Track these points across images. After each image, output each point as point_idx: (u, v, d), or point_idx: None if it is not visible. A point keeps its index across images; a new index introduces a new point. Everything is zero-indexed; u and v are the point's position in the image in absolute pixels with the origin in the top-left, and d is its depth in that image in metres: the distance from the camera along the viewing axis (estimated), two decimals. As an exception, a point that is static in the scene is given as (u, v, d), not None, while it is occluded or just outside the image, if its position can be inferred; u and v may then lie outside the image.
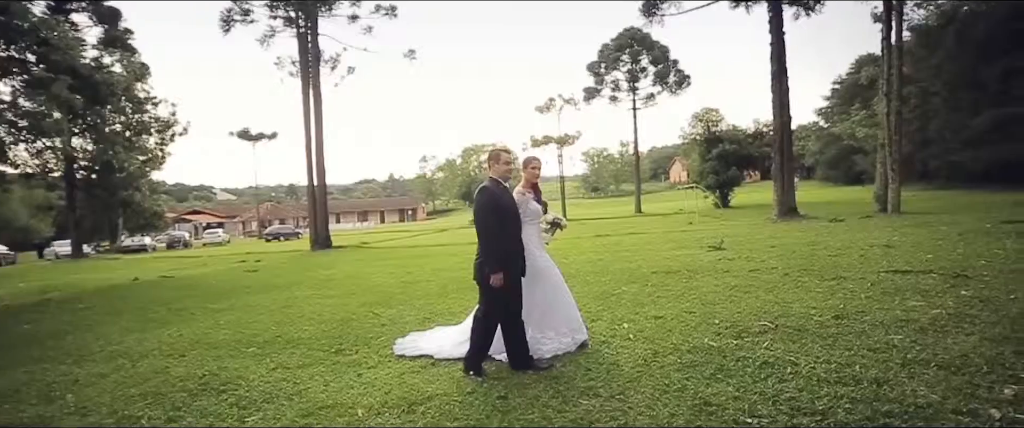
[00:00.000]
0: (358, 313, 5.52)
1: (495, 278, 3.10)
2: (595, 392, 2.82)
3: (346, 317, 5.36)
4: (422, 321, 4.91)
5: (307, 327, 5.04)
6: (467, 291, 6.34)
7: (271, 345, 4.44)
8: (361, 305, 5.99)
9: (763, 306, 4.24)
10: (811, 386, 2.65)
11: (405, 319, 5.06)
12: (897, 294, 4.22)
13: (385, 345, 4.15)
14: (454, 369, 3.40)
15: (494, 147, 3.46)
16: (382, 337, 4.41)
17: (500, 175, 3.33)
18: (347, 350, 4.10)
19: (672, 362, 3.18)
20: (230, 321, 5.61)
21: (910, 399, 2.43)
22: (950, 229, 8.60)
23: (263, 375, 3.61)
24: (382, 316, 5.28)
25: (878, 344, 3.14)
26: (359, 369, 3.61)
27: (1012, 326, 3.31)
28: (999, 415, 2.24)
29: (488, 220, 3.17)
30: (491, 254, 3.14)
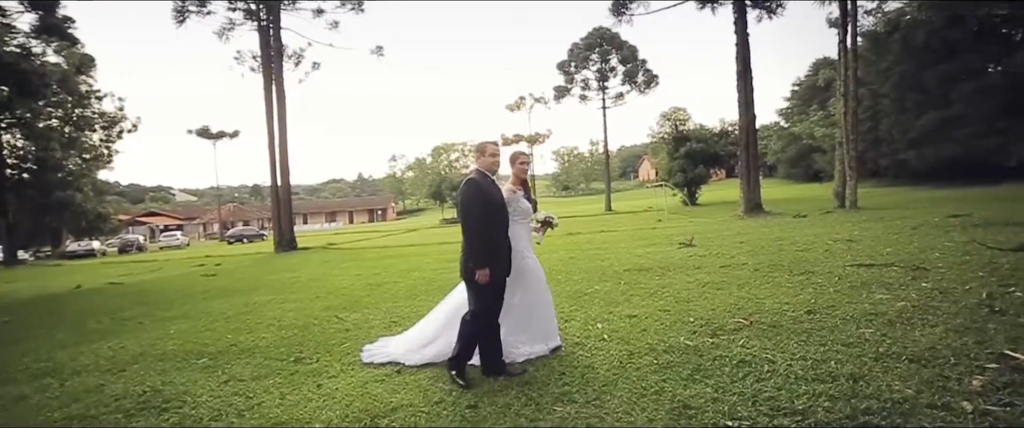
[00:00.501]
0: (321, 318, 5.22)
1: (481, 274, 2.92)
2: (570, 398, 2.68)
3: (307, 322, 5.06)
4: (388, 325, 4.67)
5: (265, 334, 4.72)
6: (437, 293, 6.11)
7: (224, 355, 4.11)
8: (324, 309, 5.69)
9: (737, 302, 4.22)
10: (789, 385, 2.60)
11: (371, 323, 4.81)
12: (864, 288, 4.28)
13: (348, 352, 3.91)
14: (421, 377, 3.20)
15: (482, 142, 3.24)
16: (346, 343, 4.16)
17: (486, 168, 3.16)
18: (307, 358, 3.83)
19: (648, 363, 3.08)
20: (181, 330, 5.21)
21: (886, 394, 2.40)
22: (903, 223, 8.96)
23: (212, 389, 3.31)
24: (346, 321, 5.01)
25: (850, 338, 3.14)
26: (319, 379, 3.36)
27: (971, 317, 3.38)
28: (971, 408, 2.23)
29: (473, 214, 2.99)
30: (476, 249, 2.96)
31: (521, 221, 3.35)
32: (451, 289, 6.26)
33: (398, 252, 13.08)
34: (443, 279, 7.22)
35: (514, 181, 3.36)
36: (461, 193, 3.06)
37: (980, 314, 3.41)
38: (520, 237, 3.30)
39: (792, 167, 49.89)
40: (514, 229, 3.26)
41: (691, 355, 3.12)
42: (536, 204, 3.47)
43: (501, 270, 3.05)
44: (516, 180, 3.36)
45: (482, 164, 3.17)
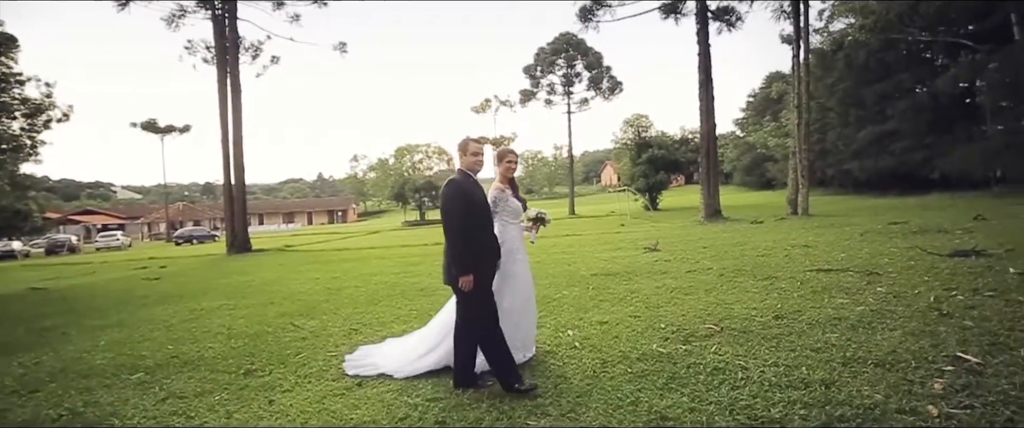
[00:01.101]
0: (275, 325, 4.88)
1: (464, 281, 2.75)
2: (544, 411, 2.55)
3: (260, 331, 4.70)
4: (349, 333, 4.40)
5: (212, 344, 4.35)
6: (399, 298, 5.88)
7: (163, 369, 3.74)
8: (279, 316, 5.33)
9: (706, 308, 4.23)
10: (764, 392, 2.58)
11: (329, 331, 4.52)
12: (825, 292, 4.40)
13: (305, 362, 3.63)
14: (384, 390, 2.99)
15: (464, 139, 3.05)
16: (302, 353, 3.87)
17: (469, 167, 2.99)
18: (259, 371, 3.53)
19: (622, 372, 3.00)
20: (114, 341, 4.73)
21: (858, 400, 2.41)
22: (852, 230, 9.44)
23: (146, 409, 2.97)
24: (303, 328, 4.69)
25: (818, 343, 3.18)
26: (271, 394, 3.08)
27: (923, 320, 3.51)
28: (936, 412, 2.27)
29: (454, 217, 2.80)
30: (460, 254, 2.78)
31: (511, 221, 3.19)
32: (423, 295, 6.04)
33: (359, 255, 12.62)
34: (406, 284, 6.97)
35: (501, 180, 3.20)
36: (442, 195, 2.87)
37: (931, 317, 3.55)
38: (512, 238, 3.16)
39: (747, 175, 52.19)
40: (505, 230, 3.13)
41: (665, 363, 3.07)
42: (526, 202, 3.32)
43: (485, 275, 2.88)
44: (503, 179, 3.20)
45: (464, 164, 2.99)
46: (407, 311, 5.15)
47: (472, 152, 2.98)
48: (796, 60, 16.06)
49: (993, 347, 2.96)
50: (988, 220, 9.40)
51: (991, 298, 3.90)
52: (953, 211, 12.73)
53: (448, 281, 2.91)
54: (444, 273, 2.96)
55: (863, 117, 27.66)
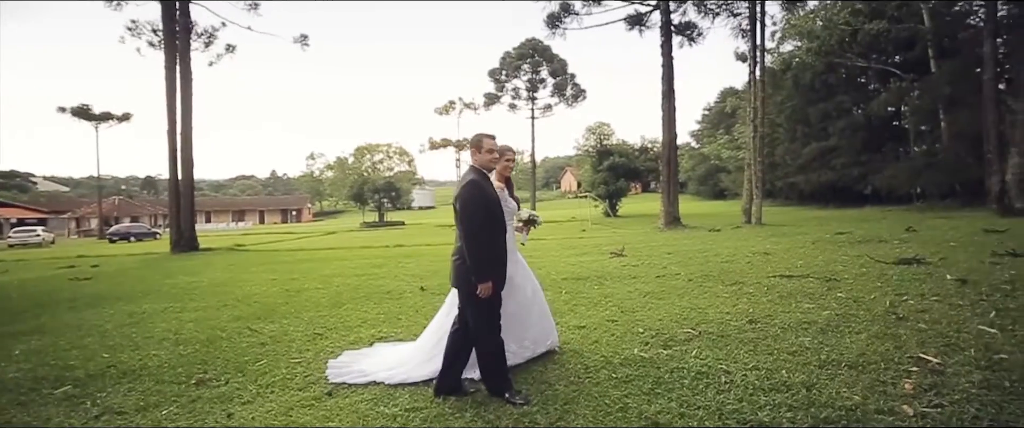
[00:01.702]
0: (229, 330, 4.51)
1: (484, 288, 2.59)
2: (531, 419, 2.45)
3: (213, 336, 4.33)
4: (313, 338, 4.13)
5: (157, 352, 3.95)
6: (364, 301, 5.61)
7: (97, 381, 3.34)
8: (233, 319, 4.94)
9: (681, 312, 4.28)
10: (749, 396, 2.59)
11: (291, 336, 4.22)
12: (791, 298, 4.55)
13: (266, 370, 3.35)
14: (358, 399, 2.79)
15: (477, 135, 2.87)
16: (262, 360, 3.57)
17: (483, 165, 2.82)
18: (213, 380, 3.22)
19: (607, 378, 2.94)
20: (33, 350, 4.21)
21: (839, 402, 2.46)
22: (804, 238, 9.95)
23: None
24: (261, 333, 4.36)
25: (793, 347, 3.25)
26: (229, 406, 2.81)
27: (884, 324, 3.68)
28: (912, 412, 2.35)
29: (476, 221, 2.62)
30: (479, 261, 2.60)
31: (507, 222, 3.09)
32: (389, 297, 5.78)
33: (317, 256, 12.06)
34: (371, 286, 6.68)
35: (498, 178, 3.06)
36: (461, 196, 2.65)
37: (889, 321, 3.73)
38: (508, 239, 3.03)
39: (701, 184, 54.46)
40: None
41: (648, 368, 3.04)
42: (520, 203, 3.22)
43: (501, 281, 2.74)
44: (500, 177, 3.06)
45: (479, 161, 2.81)
46: (374, 314, 4.91)
47: (487, 149, 2.81)
48: (752, 76, 16.88)
49: (947, 348, 3.13)
50: (918, 231, 10.16)
51: (937, 302, 4.16)
52: (887, 223, 13.71)
53: (458, 285, 2.75)
54: (453, 276, 2.79)
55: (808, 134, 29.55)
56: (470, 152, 2.88)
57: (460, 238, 2.68)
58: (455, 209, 2.70)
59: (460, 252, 2.71)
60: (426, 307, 5.13)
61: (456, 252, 2.76)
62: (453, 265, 2.78)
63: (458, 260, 2.73)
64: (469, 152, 2.88)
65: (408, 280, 7.09)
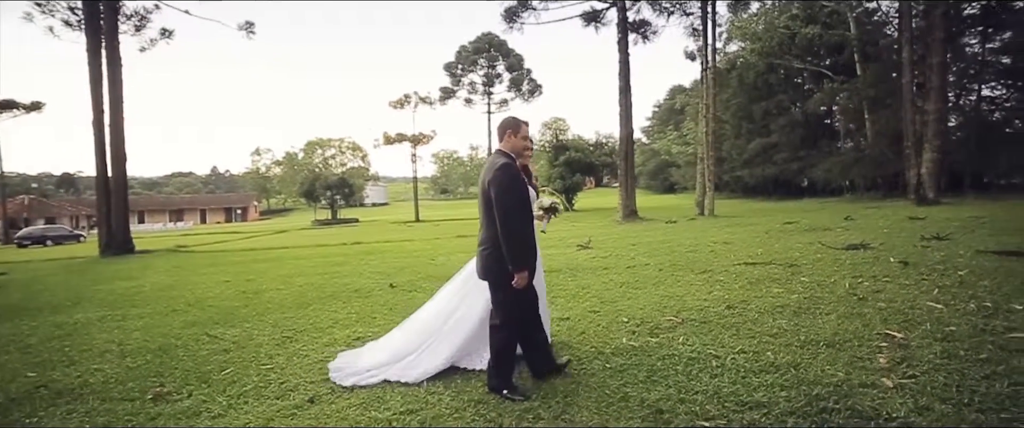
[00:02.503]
0: (185, 337, 4.13)
1: (520, 278, 2.50)
2: (535, 414, 2.38)
3: (166, 344, 3.95)
4: (281, 342, 3.85)
5: (100, 366, 3.55)
6: (331, 301, 5.34)
7: (23, 405, 2.94)
8: (187, 325, 4.54)
9: (660, 301, 4.35)
10: (741, 378, 2.65)
11: (256, 340, 3.92)
12: (760, 283, 4.75)
13: (234, 379, 3.08)
14: (344, 404, 2.61)
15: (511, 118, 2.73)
16: (228, 368, 3.29)
17: (515, 150, 2.68)
18: (174, 394, 2.92)
19: (601, 368, 2.93)
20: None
21: (826, 379, 2.57)
22: (756, 228, 10.50)
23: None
24: (223, 338, 4.02)
25: (773, 329, 3.38)
26: (196, 421, 2.56)
27: (848, 305, 3.89)
28: (892, 384, 2.48)
29: (513, 207, 2.49)
30: (516, 249, 2.47)
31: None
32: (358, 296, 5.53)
33: (271, 255, 11.39)
34: (336, 285, 6.37)
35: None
36: (496, 180, 2.49)
37: (852, 302, 3.96)
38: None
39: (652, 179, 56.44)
40: None
41: (640, 356, 3.06)
42: (538, 190, 3.10)
43: (533, 269, 2.63)
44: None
45: (512, 146, 2.67)
46: (345, 315, 4.67)
47: (524, 135, 2.70)
48: (705, 74, 17.59)
49: (907, 324, 3.36)
50: (855, 220, 11.00)
51: (888, 283, 4.48)
52: (825, 213, 14.76)
53: (488, 276, 2.62)
54: (481, 267, 2.66)
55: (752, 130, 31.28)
56: (503, 135, 2.72)
57: (495, 225, 2.51)
58: (487, 195, 2.54)
59: (491, 241, 2.56)
60: (400, 305, 4.94)
61: (486, 241, 2.62)
62: (480, 255, 2.65)
63: (488, 249, 2.59)
64: (500, 136, 2.73)
65: (375, 278, 6.83)
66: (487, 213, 2.58)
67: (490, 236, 2.57)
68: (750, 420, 2.25)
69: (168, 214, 56.53)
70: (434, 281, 6.23)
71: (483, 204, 2.61)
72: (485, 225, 2.63)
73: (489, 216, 2.57)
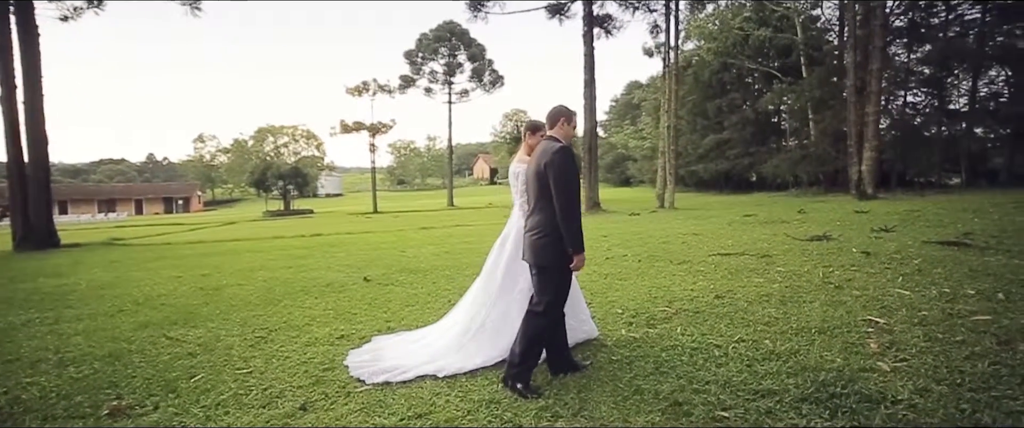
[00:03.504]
0: (139, 340, 3.71)
1: (579, 259, 2.49)
2: (553, 412, 2.28)
3: (116, 350, 3.52)
4: (255, 342, 3.54)
5: (34, 378, 3.10)
6: (303, 296, 5.01)
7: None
8: (140, 327, 4.09)
9: (648, 292, 4.37)
10: (747, 367, 2.67)
11: (226, 342, 3.58)
12: (739, 274, 4.88)
13: (207, 387, 2.78)
14: (344, 410, 2.40)
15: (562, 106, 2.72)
16: (197, 375, 2.97)
17: (566, 138, 2.65)
18: (136, 407, 2.59)
19: (606, 361, 2.87)
20: None
21: (828, 365, 2.63)
22: (719, 220, 10.90)
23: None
24: (185, 341, 3.64)
25: (765, 317, 3.45)
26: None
27: (827, 293, 4.03)
28: (889, 367, 2.57)
29: (573, 190, 2.48)
30: (580, 230, 2.47)
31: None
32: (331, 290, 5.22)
33: (223, 248, 10.62)
34: (305, 279, 6.00)
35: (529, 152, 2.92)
36: (555, 164, 2.45)
37: (830, 290, 4.13)
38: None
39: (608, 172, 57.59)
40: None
41: (643, 347, 3.03)
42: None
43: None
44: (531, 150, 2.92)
45: (562, 133, 2.65)
46: (321, 311, 4.37)
47: (574, 124, 2.73)
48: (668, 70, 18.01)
49: (884, 310, 3.53)
50: (808, 213, 11.65)
51: (856, 272, 4.72)
52: (778, 206, 15.58)
53: (541, 261, 2.55)
54: (534, 252, 2.57)
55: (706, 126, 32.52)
56: (556, 123, 2.69)
57: (550, 209, 2.48)
58: (544, 179, 2.49)
59: (542, 226, 2.53)
60: (379, 299, 4.69)
61: (540, 226, 2.55)
62: (533, 241, 2.57)
63: (538, 235, 2.55)
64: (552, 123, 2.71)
65: (345, 271, 6.49)
66: (543, 197, 2.53)
67: (545, 220, 2.53)
68: (765, 408, 2.25)
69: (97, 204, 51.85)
70: (409, 274, 6.00)
71: (536, 189, 2.56)
72: (537, 209, 2.57)
73: (544, 200, 2.52)
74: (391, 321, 3.89)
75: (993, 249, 5.49)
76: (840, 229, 7.79)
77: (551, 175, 2.46)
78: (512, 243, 2.98)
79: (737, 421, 2.17)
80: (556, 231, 2.48)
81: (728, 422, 2.17)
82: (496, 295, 2.96)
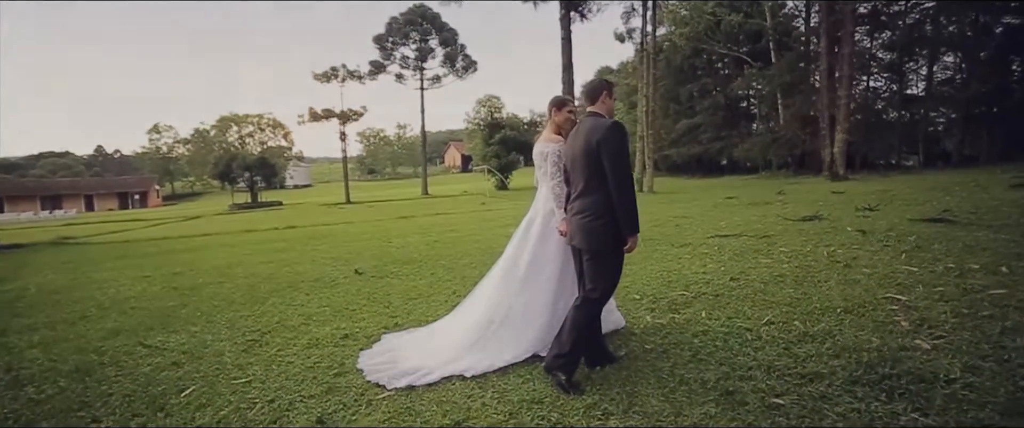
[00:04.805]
0: (111, 350, 3.32)
1: (633, 241, 2.35)
2: (603, 410, 2.11)
3: (85, 363, 3.13)
4: (248, 347, 3.22)
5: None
6: (291, 292, 4.67)
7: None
8: (110, 335, 3.68)
9: (661, 276, 4.25)
10: (785, 351, 2.58)
11: (214, 348, 3.25)
12: (745, 255, 4.82)
13: (203, 402, 2.47)
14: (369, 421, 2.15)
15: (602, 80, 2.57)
16: (187, 388, 2.65)
17: (608, 113, 2.53)
18: None
19: (640, 350, 2.73)
20: None
21: (866, 345, 2.56)
22: (703, 203, 10.98)
23: None
24: (167, 348, 3.28)
25: (786, 298, 3.37)
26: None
27: (837, 272, 3.94)
28: (929, 346, 2.51)
29: (627, 167, 2.35)
30: (635, 210, 2.32)
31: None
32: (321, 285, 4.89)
33: (193, 244, 9.97)
34: (290, 274, 5.64)
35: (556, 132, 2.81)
36: (608, 140, 2.28)
37: (839, 268, 4.10)
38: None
39: (583, 158, 57.93)
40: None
41: (674, 334, 2.90)
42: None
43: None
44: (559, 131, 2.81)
45: (606, 108, 2.52)
46: (315, 308, 4.06)
47: (615, 97, 2.62)
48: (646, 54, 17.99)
49: (900, 287, 3.49)
50: (787, 194, 11.90)
51: (859, 250, 4.73)
52: (755, 188, 15.92)
53: (595, 244, 2.36)
54: (585, 236, 2.38)
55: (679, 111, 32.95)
56: (598, 97, 2.53)
57: (602, 189, 2.32)
58: (593, 157, 2.31)
59: (593, 208, 2.35)
60: (378, 293, 4.41)
61: (590, 207, 2.36)
62: (579, 225, 2.40)
63: (590, 218, 2.36)
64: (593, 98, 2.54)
65: (332, 264, 6.14)
66: (594, 177, 2.34)
67: (596, 202, 2.35)
68: (818, 392, 2.16)
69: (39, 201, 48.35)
70: (403, 265, 5.71)
71: (586, 168, 2.36)
72: (588, 190, 2.38)
73: (596, 180, 2.33)
74: (396, 317, 3.63)
75: (975, 225, 5.64)
76: (825, 209, 7.92)
77: (605, 152, 2.28)
78: (539, 227, 2.77)
79: (793, 408, 2.06)
80: (609, 213, 2.31)
81: (784, 409, 2.06)
82: (520, 284, 2.76)
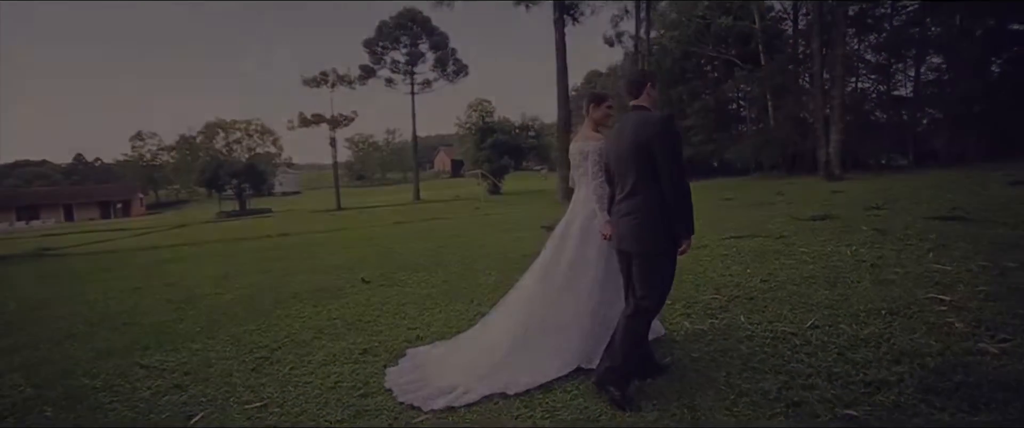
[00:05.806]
0: (105, 372, 3.06)
1: (689, 243, 2.21)
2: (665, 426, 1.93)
3: (77, 388, 2.86)
4: (257, 365, 2.98)
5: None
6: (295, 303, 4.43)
7: None
8: (103, 355, 3.41)
9: (686, 278, 4.08)
10: (840, 356, 2.45)
11: (220, 367, 3.00)
12: (766, 256, 4.68)
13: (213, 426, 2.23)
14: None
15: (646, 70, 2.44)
16: (198, 413, 2.41)
17: (653, 105, 2.38)
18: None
19: (686, 358, 2.56)
20: None
21: (921, 349, 2.43)
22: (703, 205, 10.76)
23: None
24: (168, 369, 3.03)
25: (825, 300, 3.23)
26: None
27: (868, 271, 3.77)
28: (996, 350, 2.37)
29: (681, 162, 2.16)
30: (687, 209, 2.15)
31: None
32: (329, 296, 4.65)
33: (183, 254, 9.61)
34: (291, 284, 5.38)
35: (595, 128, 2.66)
36: (661, 135, 2.13)
37: (868, 268, 3.96)
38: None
39: (571, 161, 58.03)
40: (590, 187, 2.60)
41: (718, 341, 2.73)
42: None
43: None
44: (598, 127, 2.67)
45: (651, 101, 2.36)
46: (326, 321, 3.83)
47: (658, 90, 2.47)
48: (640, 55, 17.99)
49: (939, 287, 3.35)
50: (786, 194, 11.90)
51: (882, 249, 4.61)
52: (752, 189, 15.92)
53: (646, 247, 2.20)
54: (636, 237, 2.21)
55: (670, 114, 33.18)
56: (641, 90, 2.35)
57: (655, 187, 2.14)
58: (646, 152, 2.14)
59: (644, 208, 2.17)
60: (390, 303, 4.19)
61: (637, 209, 2.19)
62: (629, 227, 2.22)
63: (640, 218, 2.18)
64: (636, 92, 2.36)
65: (335, 272, 5.89)
66: (643, 175, 2.17)
67: (647, 201, 2.17)
68: (890, 402, 2.01)
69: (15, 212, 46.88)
70: (411, 272, 5.49)
71: (635, 166, 2.18)
72: (636, 189, 2.19)
73: (645, 178, 2.15)
74: (416, 328, 3.41)
75: (991, 222, 5.59)
76: (832, 208, 7.87)
77: (658, 149, 2.12)
78: (579, 230, 2.59)
79: (869, 419, 1.91)
80: (661, 212, 2.14)
81: (858, 421, 1.90)
82: (559, 291, 2.57)
